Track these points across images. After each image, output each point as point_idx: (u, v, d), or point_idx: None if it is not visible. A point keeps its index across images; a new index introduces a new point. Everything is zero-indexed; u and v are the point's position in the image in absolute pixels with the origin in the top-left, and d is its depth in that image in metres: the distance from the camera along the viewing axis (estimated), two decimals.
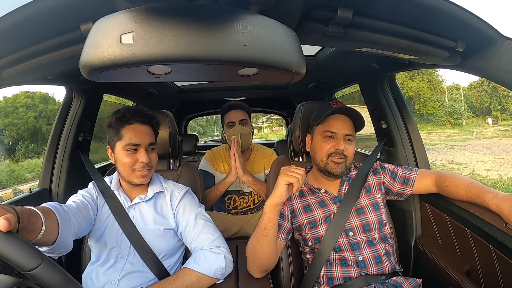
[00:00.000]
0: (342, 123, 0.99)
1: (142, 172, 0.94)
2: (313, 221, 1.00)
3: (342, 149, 0.97)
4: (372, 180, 1.06)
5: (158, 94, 2.06)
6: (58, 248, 0.71)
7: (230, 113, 1.63)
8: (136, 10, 0.40)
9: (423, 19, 0.62)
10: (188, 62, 0.41)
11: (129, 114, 0.94)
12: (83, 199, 0.94)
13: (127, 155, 0.93)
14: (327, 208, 1.01)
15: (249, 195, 1.69)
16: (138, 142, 0.93)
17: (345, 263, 0.96)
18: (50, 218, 0.69)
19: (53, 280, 0.47)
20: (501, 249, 0.84)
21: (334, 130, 0.99)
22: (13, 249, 0.46)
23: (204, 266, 0.87)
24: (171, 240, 1.00)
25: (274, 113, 3.62)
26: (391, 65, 1.16)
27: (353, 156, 1.02)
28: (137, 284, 0.92)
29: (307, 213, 1.02)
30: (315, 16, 0.60)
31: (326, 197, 1.03)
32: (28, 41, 0.61)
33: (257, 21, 0.43)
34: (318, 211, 1.01)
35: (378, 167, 1.10)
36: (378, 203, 1.02)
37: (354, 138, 1.02)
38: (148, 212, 1.00)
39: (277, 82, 0.57)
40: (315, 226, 0.99)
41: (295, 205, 1.04)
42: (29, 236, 0.61)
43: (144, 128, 0.95)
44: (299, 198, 1.05)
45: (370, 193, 1.03)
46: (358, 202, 1.01)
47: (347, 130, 0.99)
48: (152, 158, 0.96)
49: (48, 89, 26.23)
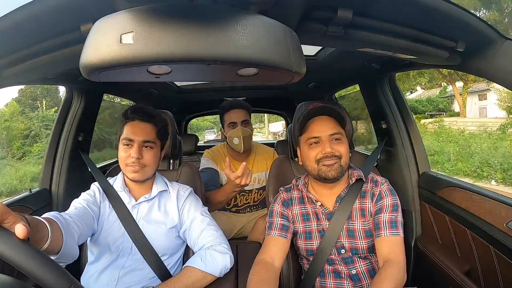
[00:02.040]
0: (322, 125, 0.93)
1: (133, 167, 0.95)
2: (309, 231, 0.99)
3: (329, 151, 0.90)
4: (369, 204, 0.97)
5: (158, 94, 2.06)
6: (64, 257, 0.71)
7: (231, 113, 1.58)
8: (136, 10, 0.40)
9: (423, 19, 0.62)
10: (188, 62, 0.41)
11: (131, 111, 0.97)
12: (85, 205, 0.94)
13: (123, 149, 0.96)
14: (320, 222, 0.98)
15: (250, 193, 1.69)
16: (132, 137, 0.95)
17: (338, 276, 0.95)
18: (54, 226, 0.69)
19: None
20: (501, 249, 0.84)
21: (317, 134, 0.93)
22: (45, 271, 0.46)
23: (211, 266, 0.89)
24: (173, 238, 1.00)
25: (274, 113, 3.62)
26: (391, 65, 1.16)
27: (347, 154, 0.94)
28: (137, 281, 0.92)
29: (304, 222, 1.00)
30: (315, 16, 0.60)
31: (320, 211, 0.99)
32: (28, 41, 0.61)
33: (257, 21, 0.43)
34: (314, 222, 0.99)
35: (383, 192, 0.97)
36: (372, 230, 0.95)
37: (343, 135, 0.95)
38: (152, 210, 1.01)
39: (277, 82, 0.57)
40: (310, 238, 0.98)
41: (294, 211, 1.02)
42: (37, 245, 0.60)
43: (143, 126, 0.96)
44: (299, 204, 1.02)
45: (365, 218, 0.96)
46: (351, 222, 0.95)
47: (330, 129, 0.92)
48: (145, 156, 0.96)
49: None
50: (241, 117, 1.57)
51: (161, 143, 1.03)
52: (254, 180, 1.68)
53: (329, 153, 0.91)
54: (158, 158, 1.02)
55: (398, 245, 0.90)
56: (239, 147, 1.56)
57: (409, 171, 1.30)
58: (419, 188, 1.27)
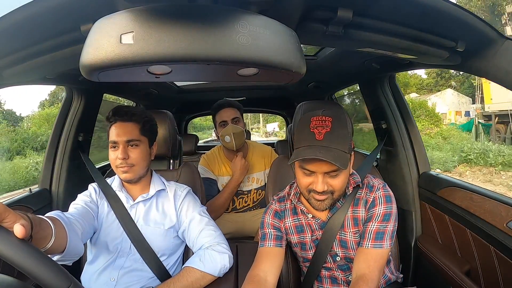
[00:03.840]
0: (319, 163, 0.81)
1: (122, 168, 0.95)
2: (303, 242, 0.97)
3: (320, 189, 0.82)
4: (362, 212, 0.91)
5: (158, 94, 2.06)
6: (69, 255, 0.71)
7: (221, 112, 1.59)
8: (136, 10, 0.40)
9: (423, 19, 0.62)
10: (188, 62, 0.41)
11: (112, 114, 0.98)
12: (83, 204, 0.95)
13: (111, 152, 0.97)
14: (314, 233, 0.96)
15: (249, 194, 1.67)
16: (115, 139, 0.95)
17: (335, 281, 0.95)
18: (57, 225, 0.69)
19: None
20: (501, 249, 0.84)
21: (312, 169, 0.83)
22: (44, 269, 0.46)
23: (210, 266, 0.89)
24: (171, 239, 1.00)
25: (274, 113, 3.62)
26: (391, 65, 1.16)
27: (343, 185, 0.86)
28: (137, 281, 0.93)
29: (298, 234, 0.97)
30: (315, 16, 0.60)
31: (313, 222, 0.95)
32: (28, 41, 0.61)
33: (257, 21, 0.43)
34: (308, 234, 0.96)
35: (377, 199, 0.90)
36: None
37: (340, 170, 0.82)
38: (150, 210, 1.01)
39: (277, 82, 0.57)
40: (305, 249, 0.97)
41: (287, 223, 0.98)
42: (41, 243, 0.61)
43: (124, 126, 0.96)
44: (292, 216, 0.98)
45: (357, 227, 0.91)
46: (343, 232, 0.91)
47: (326, 168, 0.81)
48: (131, 155, 0.95)
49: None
50: (231, 115, 1.57)
51: (148, 139, 1.01)
52: (253, 180, 1.68)
53: (320, 190, 0.83)
54: (146, 155, 1.00)
55: (377, 260, 0.84)
56: (231, 145, 1.55)
57: (409, 171, 1.30)
58: (419, 188, 1.27)
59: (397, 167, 1.34)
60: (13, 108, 25.15)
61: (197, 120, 17.26)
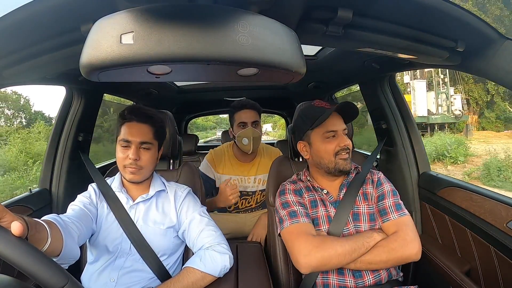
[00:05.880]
0: (338, 120, 1.00)
1: (131, 169, 0.95)
2: (316, 217, 1.00)
3: (348, 143, 0.98)
4: (370, 189, 1.02)
5: (158, 94, 2.06)
6: (64, 258, 0.71)
7: (242, 113, 1.55)
8: (136, 10, 0.40)
9: (423, 19, 0.62)
10: (188, 62, 0.41)
11: (129, 111, 0.97)
12: (82, 206, 0.94)
13: (121, 150, 0.96)
14: (326, 208, 1.01)
15: (253, 195, 1.67)
16: (129, 138, 0.94)
17: (341, 272, 0.95)
18: (53, 228, 0.69)
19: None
20: (501, 249, 0.84)
21: (335, 128, 0.98)
22: (41, 267, 0.46)
23: (210, 266, 0.88)
24: (171, 239, 1.00)
25: (274, 113, 3.62)
26: (391, 65, 1.16)
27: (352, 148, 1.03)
28: (137, 282, 0.92)
29: (312, 209, 1.02)
30: (315, 16, 0.60)
31: (327, 198, 1.03)
32: (28, 41, 0.61)
33: (257, 21, 0.43)
34: (321, 208, 1.01)
35: (381, 179, 1.04)
36: (375, 214, 0.99)
37: (347, 131, 1.04)
38: (150, 211, 1.01)
39: (277, 82, 0.57)
40: (318, 224, 0.99)
41: (305, 199, 1.04)
42: (36, 246, 0.60)
43: (140, 126, 0.96)
44: (307, 192, 1.05)
45: (368, 202, 1.01)
46: (356, 206, 1.00)
47: (343, 124, 1.01)
48: (142, 157, 0.95)
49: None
50: (252, 118, 1.54)
51: (158, 144, 1.02)
52: (259, 181, 1.67)
53: (347, 145, 0.97)
54: (155, 159, 1.01)
55: (406, 223, 0.93)
56: (248, 148, 1.54)
57: (409, 171, 1.30)
58: (419, 188, 1.27)
59: (397, 167, 1.34)
60: (42, 109, 25.25)
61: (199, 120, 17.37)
